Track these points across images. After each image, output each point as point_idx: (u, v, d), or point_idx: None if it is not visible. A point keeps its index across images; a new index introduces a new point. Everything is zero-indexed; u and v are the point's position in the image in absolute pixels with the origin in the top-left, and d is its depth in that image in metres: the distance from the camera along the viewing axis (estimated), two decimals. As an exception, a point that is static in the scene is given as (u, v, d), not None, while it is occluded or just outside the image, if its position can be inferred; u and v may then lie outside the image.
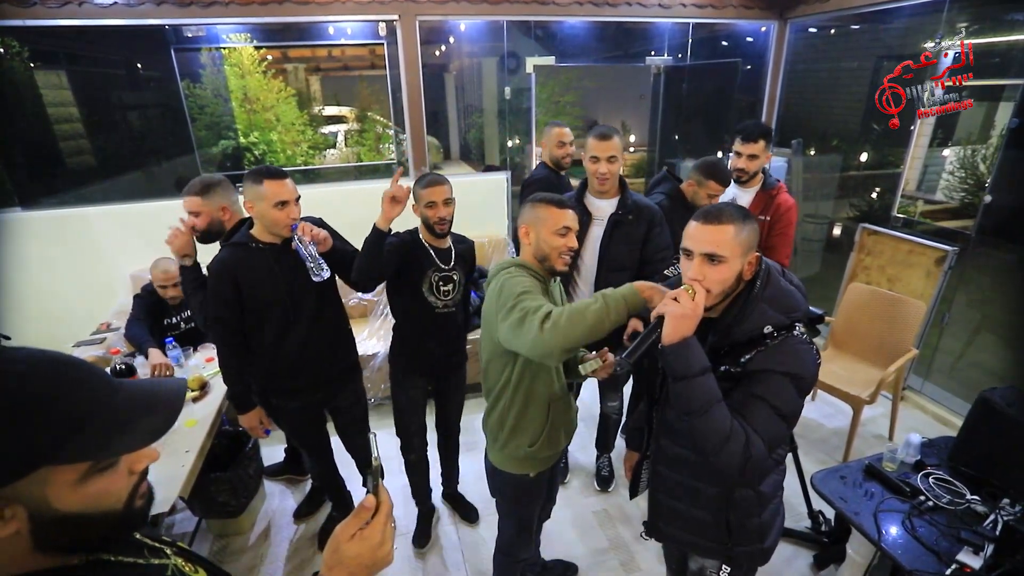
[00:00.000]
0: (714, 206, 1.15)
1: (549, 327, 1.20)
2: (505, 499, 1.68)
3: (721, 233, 1.09)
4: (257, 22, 3.10)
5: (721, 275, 1.10)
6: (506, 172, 3.62)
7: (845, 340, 3.05)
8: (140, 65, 3.33)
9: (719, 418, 1.06)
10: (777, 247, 2.41)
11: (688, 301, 1.07)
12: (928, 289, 3.05)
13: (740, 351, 1.13)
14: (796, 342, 1.11)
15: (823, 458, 2.83)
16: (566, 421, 1.60)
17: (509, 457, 1.57)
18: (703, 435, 1.07)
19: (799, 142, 4.16)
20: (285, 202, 1.75)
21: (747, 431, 1.06)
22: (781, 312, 1.12)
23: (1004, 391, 1.87)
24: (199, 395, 2.28)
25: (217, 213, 1.97)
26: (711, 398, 1.06)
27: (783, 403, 1.08)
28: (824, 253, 4.57)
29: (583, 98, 9.19)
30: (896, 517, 1.70)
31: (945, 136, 4.39)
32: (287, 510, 2.60)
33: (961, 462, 1.87)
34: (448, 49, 7.03)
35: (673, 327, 1.07)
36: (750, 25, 3.99)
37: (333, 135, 6.07)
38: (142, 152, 3.53)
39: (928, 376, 3.27)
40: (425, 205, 1.88)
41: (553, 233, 1.43)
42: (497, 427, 1.57)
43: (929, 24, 3.00)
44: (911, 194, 4.46)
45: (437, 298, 2.00)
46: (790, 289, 1.17)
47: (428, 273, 1.95)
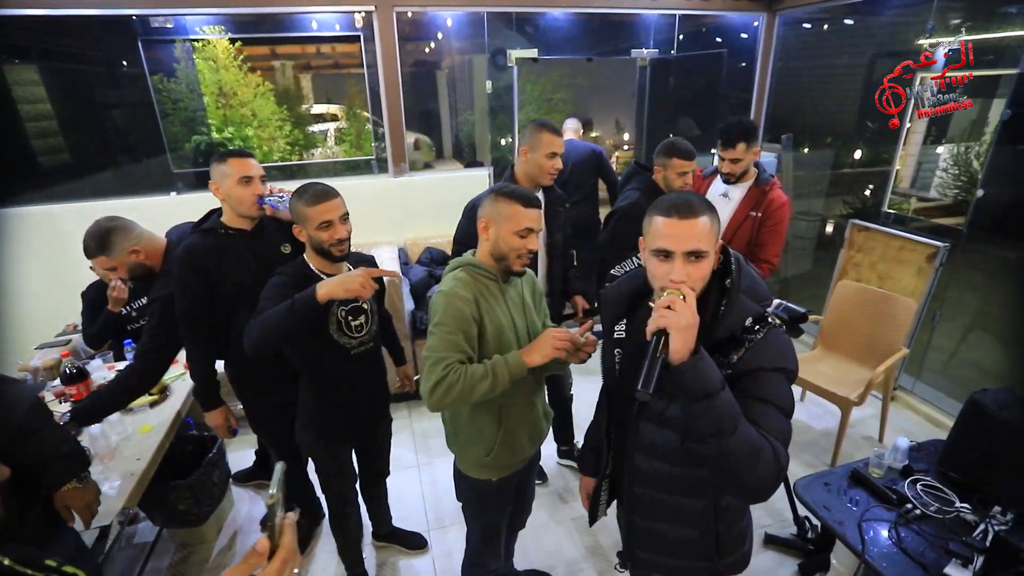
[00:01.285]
0: (680, 198, 1.04)
1: (438, 397, 1.23)
2: (469, 505, 1.60)
3: (698, 226, 0.99)
4: (228, 12, 3.00)
5: (702, 272, 1.01)
6: (488, 168, 3.53)
7: (834, 339, 2.97)
8: (108, 58, 3.23)
9: (748, 432, 0.93)
10: (767, 244, 2.33)
11: (685, 308, 0.94)
12: (919, 286, 2.97)
13: (723, 350, 1.03)
14: (778, 333, 1.04)
15: (811, 461, 2.75)
16: (529, 425, 1.50)
17: (470, 463, 1.48)
18: (735, 455, 0.92)
19: (789, 137, 4.08)
20: (249, 178, 1.73)
21: (769, 439, 0.95)
22: (756, 301, 1.05)
23: (996, 393, 1.78)
24: (158, 399, 2.18)
25: (129, 258, 1.86)
26: (737, 412, 0.93)
27: (785, 400, 1.01)
28: (817, 251, 4.49)
29: (574, 95, 9.10)
30: (882, 526, 1.61)
31: (939, 133, 4.31)
32: (255, 517, 2.50)
33: (950, 468, 1.78)
34: (439, 46, 6.94)
35: (681, 341, 0.93)
36: (740, 17, 3.91)
37: (323, 133, 5.96)
38: (112, 149, 3.43)
39: (920, 376, 3.19)
40: (317, 227, 1.52)
41: (514, 233, 1.33)
42: (453, 433, 1.49)
43: (920, 17, 2.92)
44: (905, 191, 4.39)
45: (349, 337, 1.67)
46: (757, 276, 1.10)
47: (332, 309, 1.62)
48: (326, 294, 1.41)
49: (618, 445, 1.27)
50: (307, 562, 2.27)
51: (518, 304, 1.46)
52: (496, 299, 1.39)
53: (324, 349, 1.65)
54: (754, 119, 4.05)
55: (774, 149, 4.20)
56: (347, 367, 1.70)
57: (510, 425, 1.44)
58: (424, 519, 2.47)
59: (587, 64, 7.86)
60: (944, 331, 3.08)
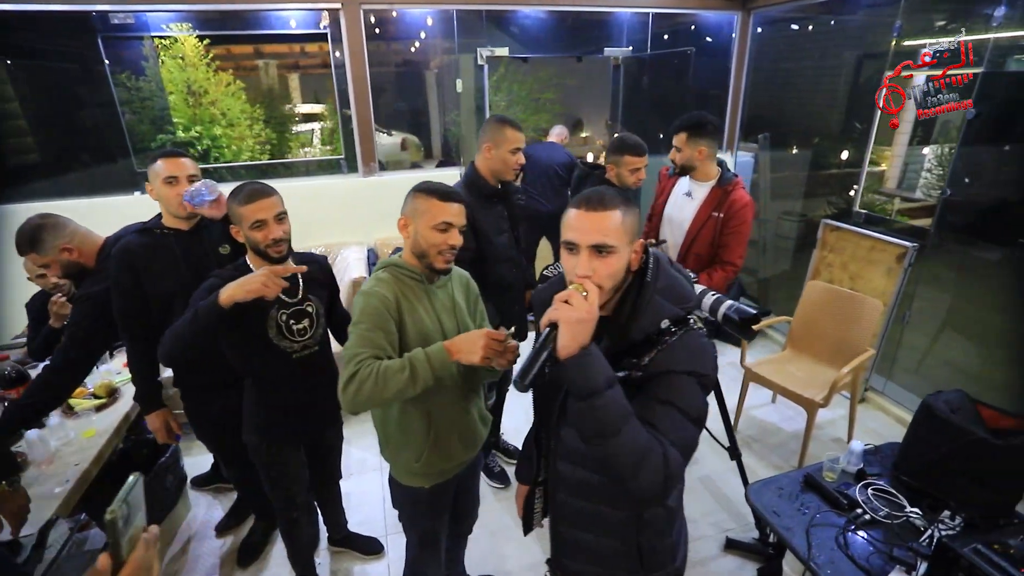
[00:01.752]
0: (594, 190, 1.01)
1: (352, 390, 1.18)
2: (404, 513, 1.56)
3: (607, 220, 0.95)
4: (191, 9, 2.95)
5: (611, 267, 0.96)
6: (460, 167, 3.50)
7: (803, 340, 2.94)
8: (69, 56, 3.17)
9: (633, 435, 0.90)
10: (730, 245, 2.29)
11: (581, 302, 0.91)
12: (889, 286, 2.95)
13: (638, 352, 1.00)
14: (696, 336, 0.99)
15: (779, 463, 2.73)
16: (462, 429, 1.46)
17: (400, 469, 1.45)
18: (618, 458, 0.90)
19: (766, 137, 4.06)
20: (173, 178, 1.70)
21: (662, 442, 0.92)
22: (676, 303, 1.01)
23: (949, 395, 1.76)
24: (105, 402, 2.14)
25: (61, 256, 1.80)
26: (624, 412, 0.90)
27: (692, 406, 0.96)
28: (800, 251, 4.47)
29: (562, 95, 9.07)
30: (830, 532, 1.58)
31: (925, 134, 4.30)
32: (212, 522, 2.45)
33: (903, 472, 1.75)
34: (426, 45, 6.90)
35: (570, 335, 0.90)
36: (716, 16, 3.88)
37: (309, 132, 5.91)
38: (76, 148, 3.37)
39: (891, 376, 3.17)
40: (251, 226, 1.48)
41: (432, 228, 1.30)
42: (384, 439, 1.45)
43: (889, 18, 2.90)
44: (891, 192, 4.38)
45: (291, 340, 1.63)
46: (679, 277, 1.06)
47: (271, 313, 1.58)
48: (228, 298, 1.38)
49: (546, 451, 1.24)
50: (260, 568, 2.23)
51: (447, 306, 1.42)
52: (420, 300, 1.36)
53: (263, 352, 1.60)
54: (730, 118, 4.03)
55: (751, 149, 4.18)
56: (289, 371, 1.66)
57: (440, 430, 1.40)
58: (383, 524, 2.43)
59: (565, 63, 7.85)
60: (915, 331, 3.06)
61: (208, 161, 3.71)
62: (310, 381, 1.73)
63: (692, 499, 2.52)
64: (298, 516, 1.91)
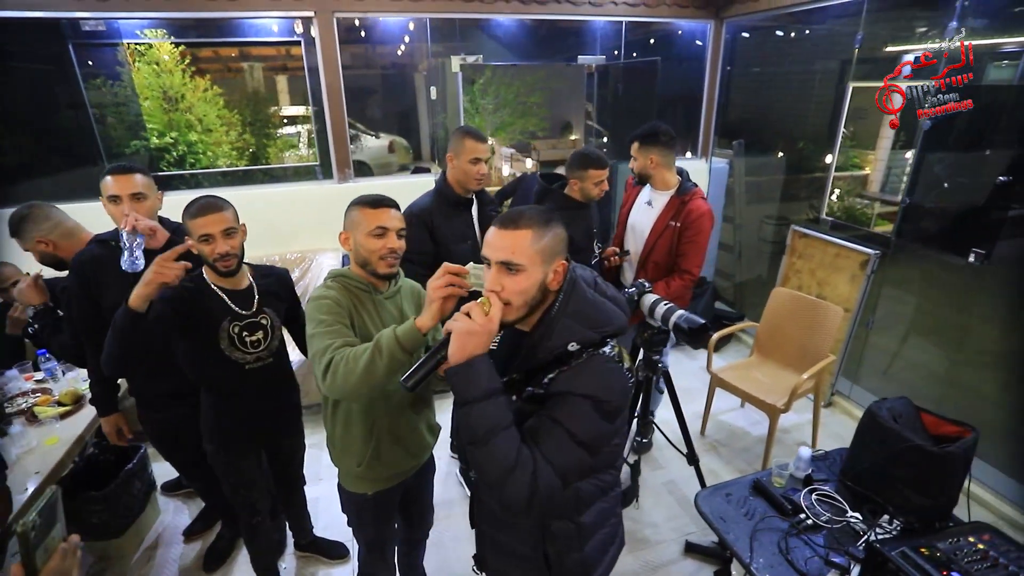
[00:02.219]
0: (514, 210, 1.06)
1: (329, 378, 1.18)
2: (349, 517, 1.59)
3: (517, 239, 0.99)
4: (162, 16, 2.96)
5: (519, 285, 1.00)
6: (435, 174, 3.52)
7: (768, 346, 3.00)
8: (40, 62, 3.18)
9: (503, 448, 0.95)
10: (687, 254, 2.33)
11: (479, 316, 0.97)
12: (854, 293, 3.00)
13: (547, 370, 1.03)
14: (602, 361, 1.01)
15: (743, 467, 2.77)
16: (405, 438, 1.49)
17: (344, 475, 1.48)
18: (486, 466, 0.96)
19: (740, 143, 4.11)
20: (116, 197, 1.69)
21: (536, 459, 0.96)
22: (589, 327, 1.02)
23: (894, 403, 1.81)
24: (70, 409, 2.15)
25: (37, 247, 1.87)
26: (495, 425, 0.95)
27: (581, 429, 0.97)
28: (776, 254, 4.52)
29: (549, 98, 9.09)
30: (773, 536, 1.62)
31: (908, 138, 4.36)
32: (180, 527, 2.47)
33: (848, 477, 1.80)
34: (414, 49, 6.92)
35: (459, 345, 0.96)
36: (688, 24, 3.93)
37: (296, 135, 5.91)
38: (49, 153, 3.37)
39: (857, 380, 3.23)
40: (199, 239, 1.50)
41: (368, 235, 1.34)
42: (330, 443, 1.49)
43: (851, 28, 2.95)
44: (873, 195, 4.44)
45: (244, 352, 1.65)
46: (599, 301, 1.07)
47: (223, 324, 1.60)
48: (136, 298, 1.39)
49: None
50: (226, 572, 2.25)
51: (395, 317, 1.45)
52: (368, 312, 1.39)
53: (215, 363, 1.63)
54: (704, 125, 4.08)
55: (726, 155, 4.23)
56: (241, 382, 1.68)
57: (382, 438, 1.43)
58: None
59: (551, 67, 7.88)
60: (880, 336, 3.12)
61: (184, 167, 3.72)
62: (265, 392, 1.75)
63: (655, 503, 2.56)
64: (259, 522, 1.94)
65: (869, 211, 4.33)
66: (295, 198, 3.42)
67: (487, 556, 1.28)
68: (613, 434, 1.04)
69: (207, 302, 1.60)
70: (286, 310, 1.82)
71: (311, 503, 2.29)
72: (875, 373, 3.19)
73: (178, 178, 3.68)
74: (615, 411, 1.01)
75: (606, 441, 1.03)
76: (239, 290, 1.66)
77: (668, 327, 1.87)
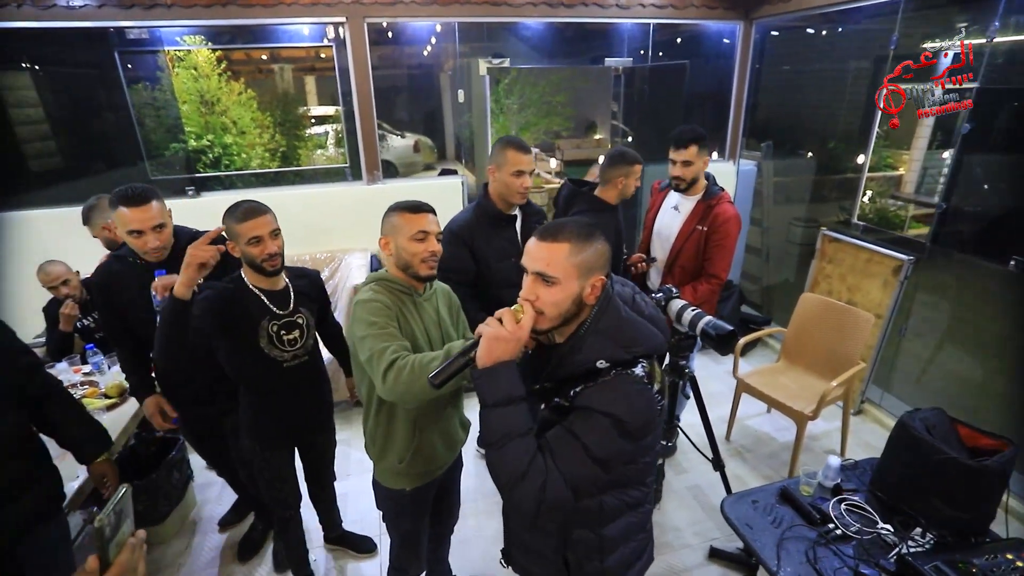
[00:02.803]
0: (557, 221, 1.08)
1: (391, 379, 1.22)
2: (385, 513, 1.64)
3: (554, 251, 1.01)
4: (201, 24, 3.07)
5: (553, 297, 1.01)
6: (462, 176, 3.57)
7: (796, 352, 2.95)
8: (89, 69, 3.33)
9: (516, 454, 0.97)
10: (714, 259, 2.32)
11: (510, 323, 1.00)
12: (886, 299, 2.94)
13: (574, 383, 1.05)
14: (629, 381, 1.01)
15: (769, 474, 2.74)
16: (444, 433, 1.54)
17: (384, 471, 1.53)
18: (497, 468, 1.00)
19: (769, 145, 4.05)
20: (139, 232, 1.68)
21: (549, 469, 0.97)
22: (619, 345, 1.02)
23: (927, 413, 1.78)
24: (116, 402, 2.25)
25: (102, 233, 2.07)
26: (510, 431, 0.98)
27: (597, 445, 0.98)
28: (804, 258, 4.45)
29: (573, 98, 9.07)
30: (800, 545, 1.62)
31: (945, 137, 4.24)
32: (216, 517, 2.56)
33: (879, 488, 1.78)
34: (439, 49, 6.99)
35: (487, 349, 0.99)
36: (716, 25, 3.89)
37: (324, 135, 6.03)
38: (94, 156, 3.53)
39: (888, 388, 3.16)
40: (247, 242, 1.57)
41: (410, 239, 1.38)
42: (370, 441, 1.54)
43: (887, 27, 2.89)
44: (907, 197, 4.32)
45: (282, 350, 1.71)
46: (634, 320, 1.06)
47: (262, 323, 1.67)
48: (179, 287, 1.46)
49: None
50: (259, 563, 2.33)
51: (433, 319, 1.49)
52: (411, 313, 1.43)
53: (255, 361, 1.69)
54: (732, 127, 4.03)
55: (754, 157, 4.18)
56: (279, 380, 1.75)
57: (424, 434, 1.48)
58: (378, 523, 2.51)
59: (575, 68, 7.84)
60: (913, 343, 3.05)
61: (219, 169, 3.85)
62: (300, 389, 1.81)
63: (678, 506, 2.56)
64: (291, 516, 2.01)
65: (903, 213, 4.22)
66: (325, 199, 3.51)
67: (513, 551, 1.31)
68: (636, 452, 1.04)
69: (247, 302, 1.66)
70: (317, 310, 1.88)
71: (340, 498, 2.36)
72: (907, 381, 3.11)
73: (214, 179, 3.81)
74: (637, 432, 1.00)
75: (626, 459, 1.03)
76: (276, 290, 1.73)
77: (695, 333, 1.87)
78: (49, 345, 2.53)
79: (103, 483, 1.60)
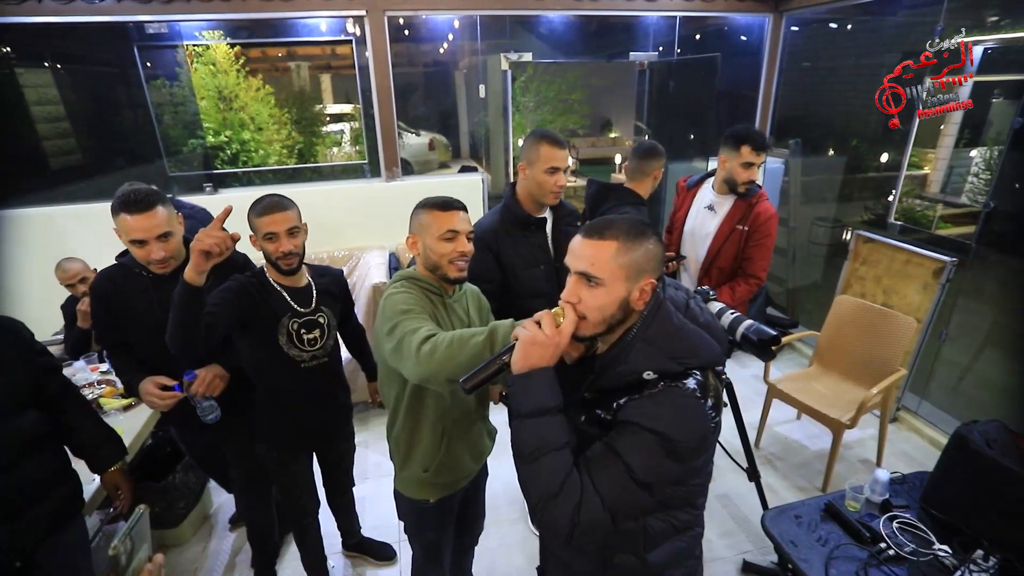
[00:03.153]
0: (606, 218, 0.98)
1: (427, 352, 1.10)
2: (407, 524, 1.57)
3: (599, 250, 0.91)
4: (220, 18, 3.03)
5: (597, 300, 0.92)
6: (482, 173, 3.49)
7: (830, 357, 2.84)
8: (107, 64, 3.31)
9: (549, 470, 0.88)
10: (754, 258, 2.22)
11: (549, 326, 0.91)
12: (925, 303, 2.81)
13: (617, 396, 0.95)
14: (679, 395, 0.90)
15: (802, 484, 2.63)
16: (472, 443, 1.46)
17: (407, 481, 1.46)
18: (528, 485, 0.91)
19: (797, 142, 3.92)
20: (140, 241, 1.51)
21: (584, 490, 0.88)
22: (669, 356, 0.92)
23: (985, 426, 1.67)
24: (134, 403, 2.20)
25: None
26: (543, 444, 0.89)
27: (642, 466, 0.88)
28: (834, 257, 4.31)
29: (590, 96, 8.96)
30: (850, 566, 1.52)
31: (972, 136, 4.09)
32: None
33: (933, 505, 1.67)
34: (455, 47, 6.94)
35: (522, 354, 0.91)
36: (745, 18, 3.77)
37: (339, 133, 6.00)
38: (112, 152, 3.52)
39: (925, 396, 3.03)
40: (264, 237, 1.52)
41: (439, 239, 1.29)
42: (395, 448, 1.47)
43: (930, 18, 2.76)
44: (933, 196, 4.18)
45: (301, 350, 1.65)
46: (686, 328, 0.96)
47: (283, 321, 1.60)
48: (191, 269, 1.32)
49: None
50: (277, 570, 2.28)
51: (464, 323, 1.42)
52: (442, 316, 1.36)
53: (273, 360, 1.64)
54: (760, 123, 3.91)
55: (782, 154, 4.05)
56: (297, 380, 1.69)
57: (452, 442, 1.40)
58: (397, 528, 2.45)
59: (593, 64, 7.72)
60: (953, 349, 2.92)
61: (237, 165, 3.81)
62: (319, 391, 1.76)
63: (708, 518, 2.42)
64: (308, 523, 1.96)
65: (930, 213, 4.07)
66: (343, 196, 3.45)
67: (548, 568, 1.23)
68: (686, 474, 0.94)
69: (268, 298, 1.60)
70: (340, 310, 1.82)
71: (357, 502, 2.29)
72: (946, 388, 2.98)
73: (231, 175, 3.78)
74: (687, 452, 0.90)
75: (674, 481, 0.94)
76: (298, 288, 1.67)
77: (734, 337, 1.77)
78: (67, 343, 2.51)
79: (116, 494, 1.53)
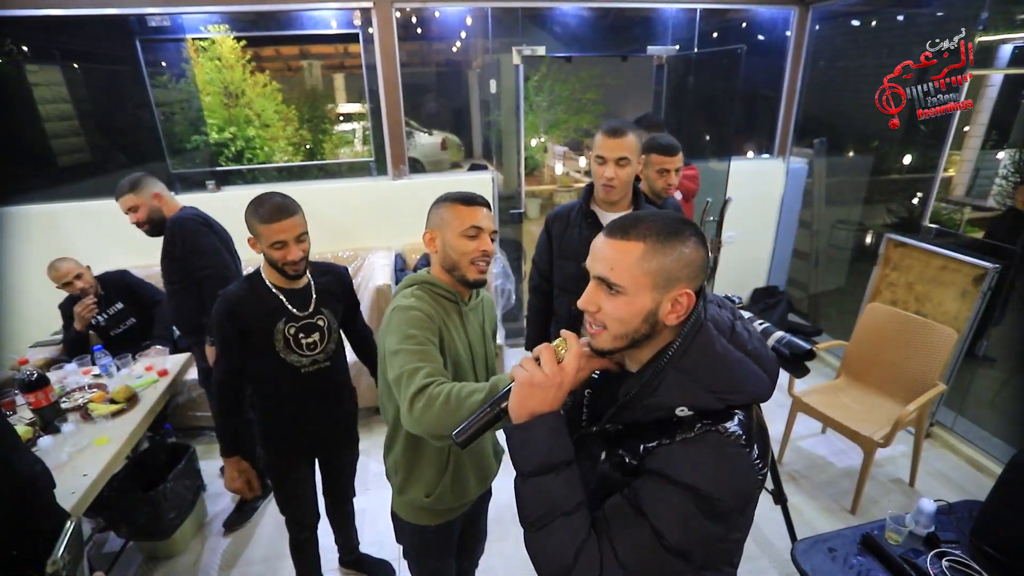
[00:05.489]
0: (635, 214, 0.80)
1: (420, 408, 0.99)
2: (406, 547, 1.45)
3: (622, 252, 0.75)
4: (225, 10, 2.94)
5: (617, 311, 0.75)
6: (491, 172, 3.37)
7: (860, 368, 2.66)
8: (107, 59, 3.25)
9: (560, 540, 0.73)
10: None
11: (549, 363, 0.76)
12: (963, 312, 2.63)
13: (645, 434, 0.78)
14: (719, 442, 0.73)
15: (829, 505, 2.47)
16: (477, 465, 1.34)
17: (406, 505, 1.33)
18: (535, 557, 0.76)
19: (822, 142, 3.75)
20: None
21: (603, 558, 0.72)
22: (707, 389, 0.74)
23: (1045, 453, 1.50)
24: (123, 408, 2.11)
25: (152, 200, 2.09)
26: (552, 508, 0.74)
27: (673, 531, 0.71)
28: (856, 262, 4.13)
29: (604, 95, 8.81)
30: (894, 608, 1.37)
31: (1000, 136, 3.89)
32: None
33: (986, 541, 1.50)
34: (468, 45, 6.85)
35: (519, 399, 0.76)
36: (769, 11, 3.60)
37: (351, 132, 5.94)
38: (114, 149, 3.46)
39: (962, 411, 2.84)
40: (272, 245, 1.43)
41: (460, 235, 1.17)
42: (393, 469, 1.34)
43: (971, 10, 2.58)
44: (959, 199, 3.98)
45: (300, 355, 1.56)
46: (731, 356, 0.76)
47: (278, 326, 1.51)
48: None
49: None
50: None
51: (478, 332, 1.30)
52: (455, 326, 1.23)
53: (270, 367, 1.54)
54: (783, 121, 3.75)
55: (805, 154, 3.88)
56: (297, 387, 1.59)
57: (459, 464, 1.28)
58: (396, 545, 2.32)
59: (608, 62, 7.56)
60: (993, 363, 2.73)
61: (241, 162, 3.73)
62: (321, 397, 1.65)
63: (729, 540, 2.31)
64: (307, 538, 1.86)
65: (957, 216, 3.88)
66: (349, 194, 3.35)
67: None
68: (727, 532, 0.78)
69: (262, 302, 1.51)
70: (344, 310, 1.71)
71: (357, 514, 2.18)
72: (985, 403, 2.79)
73: (236, 173, 3.70)
74: (729, 511, 0.74)
75: (712, 544, 0.76)
76: (296, 289, 1.57)
77: (764, 350, 1.62)
78: (65, 343, 2.45)
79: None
